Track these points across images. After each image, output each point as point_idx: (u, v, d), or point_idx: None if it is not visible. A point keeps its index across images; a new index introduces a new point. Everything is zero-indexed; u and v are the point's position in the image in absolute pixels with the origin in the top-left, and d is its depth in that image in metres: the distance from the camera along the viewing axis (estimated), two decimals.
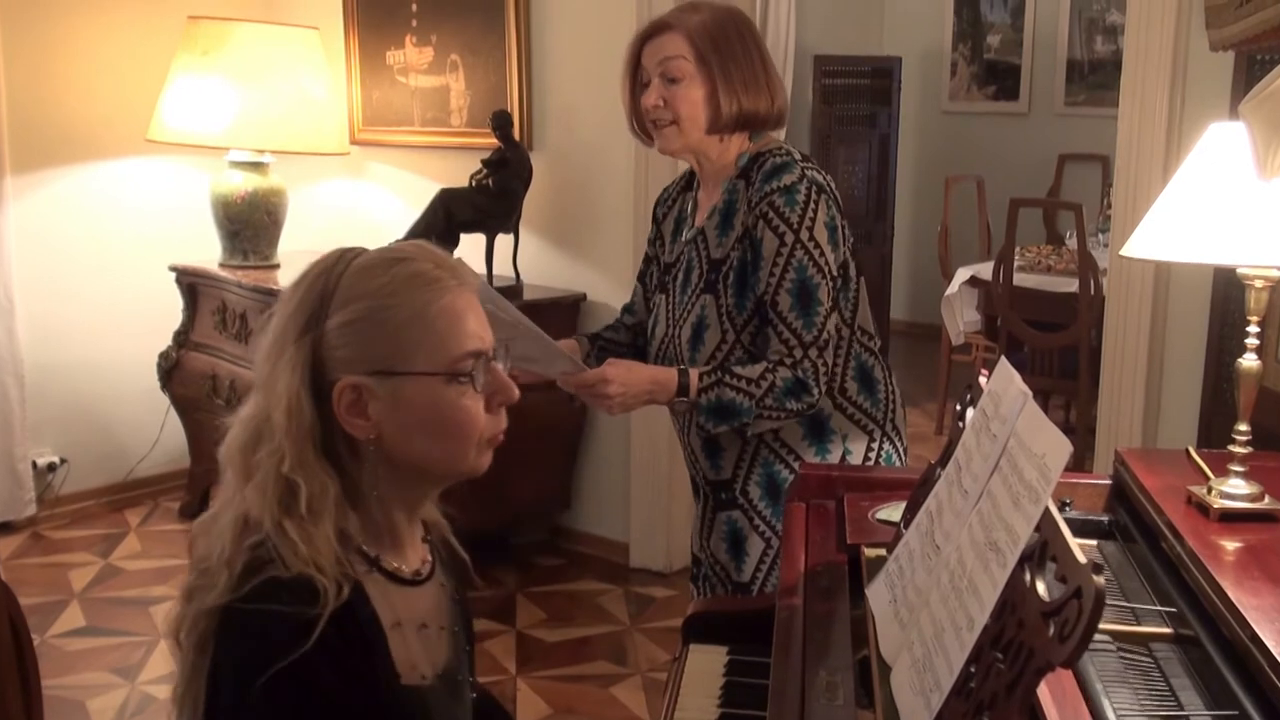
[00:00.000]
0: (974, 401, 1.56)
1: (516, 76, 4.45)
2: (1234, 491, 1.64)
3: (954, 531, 1.40)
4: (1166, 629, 1.44)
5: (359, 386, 1.42)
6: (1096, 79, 7.96)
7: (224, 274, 4.59)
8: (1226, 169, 1.73)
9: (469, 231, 4.16)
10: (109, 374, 4.96)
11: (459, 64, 4.66)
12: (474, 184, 4.23)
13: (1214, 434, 3.33)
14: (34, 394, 4.75)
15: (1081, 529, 1.72)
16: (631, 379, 2.24)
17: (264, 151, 4.66)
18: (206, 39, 4.54)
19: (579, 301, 4.32)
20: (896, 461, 2.42)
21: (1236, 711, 1.25)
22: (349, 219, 5.07)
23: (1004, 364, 1.49)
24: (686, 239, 2.42)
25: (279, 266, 4.74)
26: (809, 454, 2.35)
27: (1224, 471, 1.67)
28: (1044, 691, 1.21)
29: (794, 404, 2.24)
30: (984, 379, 1.56)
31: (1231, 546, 1.53)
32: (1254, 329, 1.73)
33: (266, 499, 1.39)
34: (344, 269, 1.46)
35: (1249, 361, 1.73)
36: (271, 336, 1.46)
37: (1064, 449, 1.22)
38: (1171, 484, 1.70)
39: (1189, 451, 1.82)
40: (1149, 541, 1.63)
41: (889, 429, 2.40)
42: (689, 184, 2.51)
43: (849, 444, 2.36)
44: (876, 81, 7.14)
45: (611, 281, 4.31)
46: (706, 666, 1.87)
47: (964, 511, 1.40)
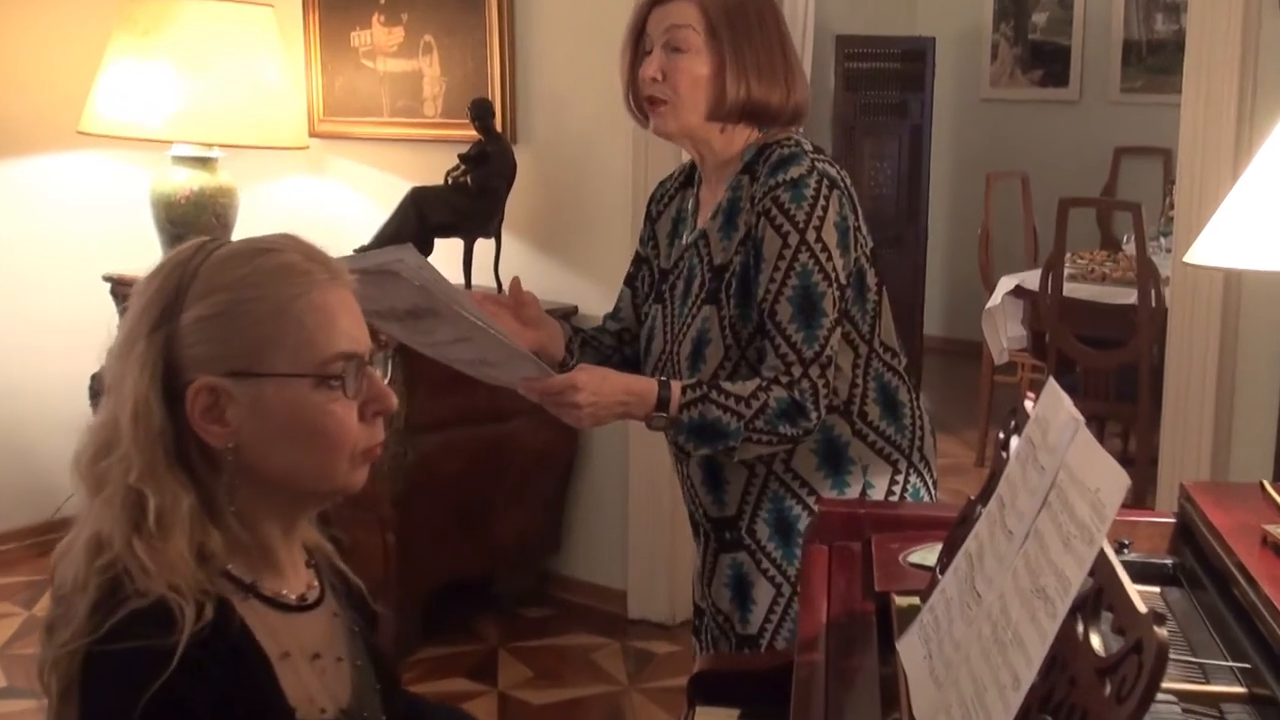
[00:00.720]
0: (1019, 429, 1.56)
1: (499, 60, 4.46)
2: None
3: (997, 577, 1.40)
4: (1239, 688, 1.44)
5: (215, 388, 1.43)
6: (1156, 62, 7.98)
7: None
8: None
9: (445, 235, 4.17)
10: (32, 398, 4.96)
11: (433, 46, 4.67)
12: (450, 182, 4.24)
13: None
14: None
15: (1142, 573, 1.72)
16: (604, 388, 2.21)
17: (211, 146, 4.66)
18: (146, 18, 4.56)
19: (570, 315, 4.33)
20: (925, 497, 2.41)
21: None
22: (307, 222, 5.07)
23: (1053, 386, 1.49)
24: (687, 243, 2.42)
25: None
26: (824, 487, 2.35)
27: None
28: None
29: (787, 428, 2.23)
30: (1030, 403, 1.56)
31: None
32: None
33: (115, 514, 1.41)
34: (203, 260, 1.48)
35: None
36: (123, 332, 1.48)
37: (1121, 483, 1.22)
38: (1244, 522, 1.70)
39: (1264, 485, 1.82)
40: (1219, 588, 1.63)
41: (916, 459, 2.40)
42: (689, 179, 2.51)
43: (870, 476, 2.36)
44: (907, 65, 7.16)
45: (606, 292, 4.29)
46: None
47: (1008, 554, 1.40)
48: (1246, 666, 1.46)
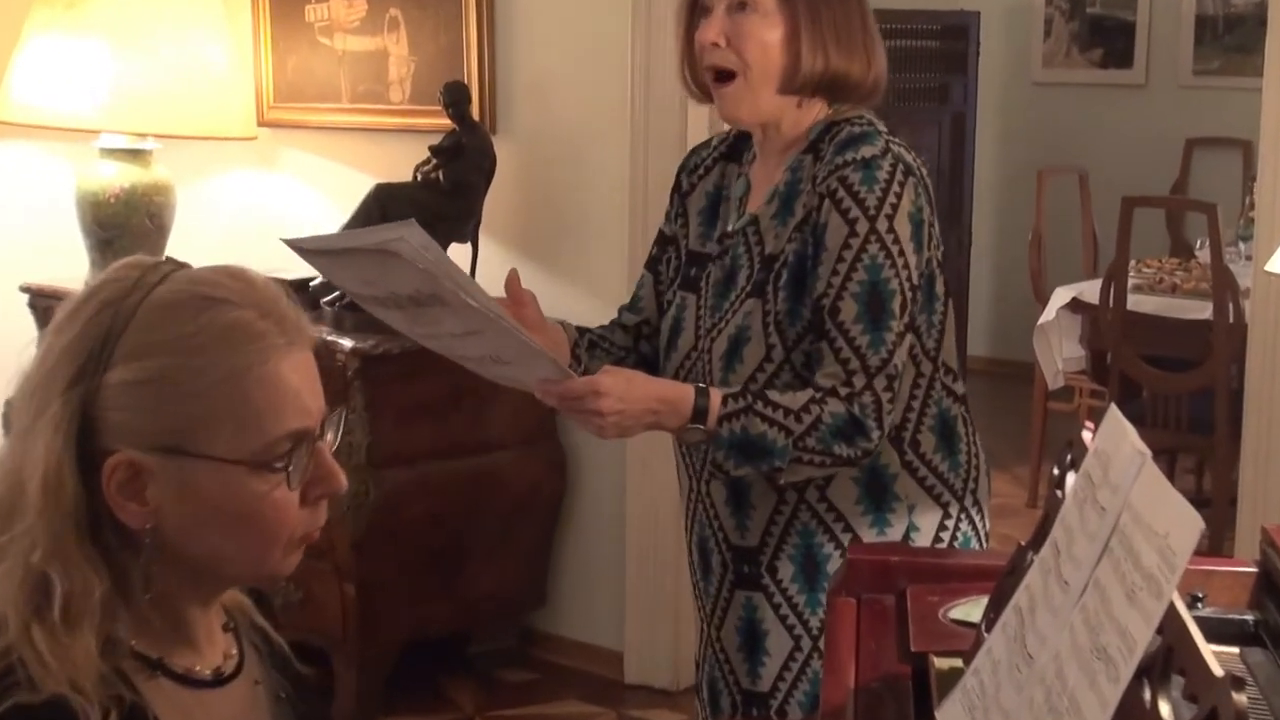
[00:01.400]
0: (1076, 464, 1.56)
1: (475, 37, 4.47)
2: None
3: (1051, 635, 1.40)
4: None
5: (135, 465, 1.41)
6: (1233, 40, 8.00)
7: None
8: None
9: None
10: None
11: (400, 21, 4.68)
12: (419, 178, 4.24)
13: None
14: None
15: (1218, 631, 1.72)
16: (632, 394, 2.19)
17: (145, 136, 4.67)
18: None
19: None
20: (975, 545, 2.41)
21: None
22: (256, 224, 5.08)
23: (1115, 414, 1.49)
24: (734, 228, 2.40)
25: None
26: (863, 525, 2.34)
27: None
28: None
29: (843, 448, 2.22)
30: (1089, 434, 1.56)
31: None
32: None
33: (13, 594, 1.38)
34: (139, 301, 1.44)
35: None
36: (37, 374, 1.45)
37: (1194, 526, 1.22)
38: None
39: None
40: None
41: (969, 503, 2.40)
42: (732, 151, 2.49)
43: (916, 517, 2.35)
44: (948, 43, 7.19)
45: (600, 305, 4.29)
46: None
47: (1064, 609, 1.40)
48: None
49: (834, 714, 1.69)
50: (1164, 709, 1.15)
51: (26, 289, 4.78)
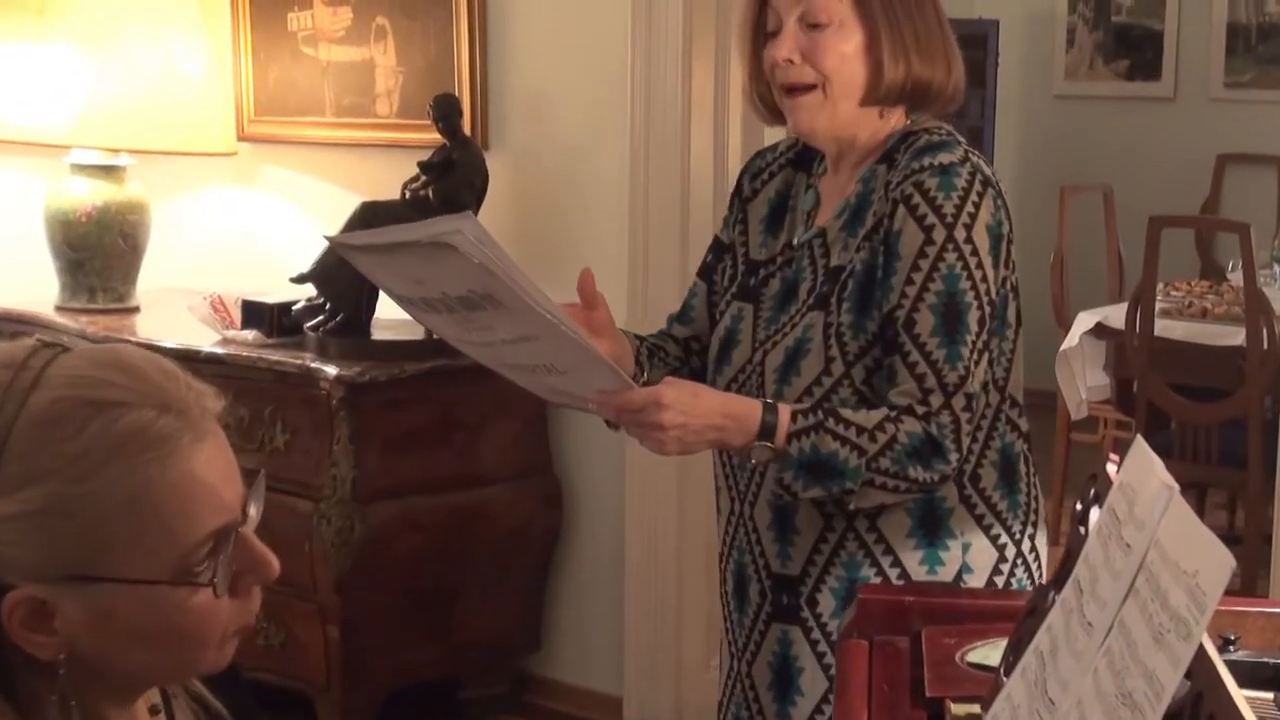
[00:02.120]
0: (1100, 499, 1.56)
1: (467, 48, 4.48)
2: None
3: (1074, 680, 1.40)
4: None
5: (39, 599, 1.33)
6: (1268, 51, 8.02)
7: (63, 320, 4.60)
8: None
9: None
10: None
11: (388, 30, 4.70)
12: (408, 195, 4.25)
13: None
14: None
15: (1251, 675, 1.72)
16: (696, 408, 2.17)
17: (119, 151, 4.68)
18: None
19: None
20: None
21: None
22: (235, 245, 5.09)
23: (1141, 446, 1.50)
24: (799, 241, 2.39)
25: (138, 310, 4.75)
26: (913, 560, 2.32)
27: None
28: None
29: (918, 470, 2.20)
30: (1114, 467, 1.57)
31: None
32: None
33: None
34: (15, 414, 1.34)
35: None
36: None
37: (1225, 565, 1.22)
38: None
39: None
40: None
41: (1026, 547, 2.39)
42: (801, 160, 2.48)
43: (970, 557, 2.34)
44: (966, 54, 7.07)
45: None
46: None
47: (1087, 652, 1.40)
48: None
49: None
50: None
51: None
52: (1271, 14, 8.00)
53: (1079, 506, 1.61)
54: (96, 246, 4.67)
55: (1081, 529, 1.57)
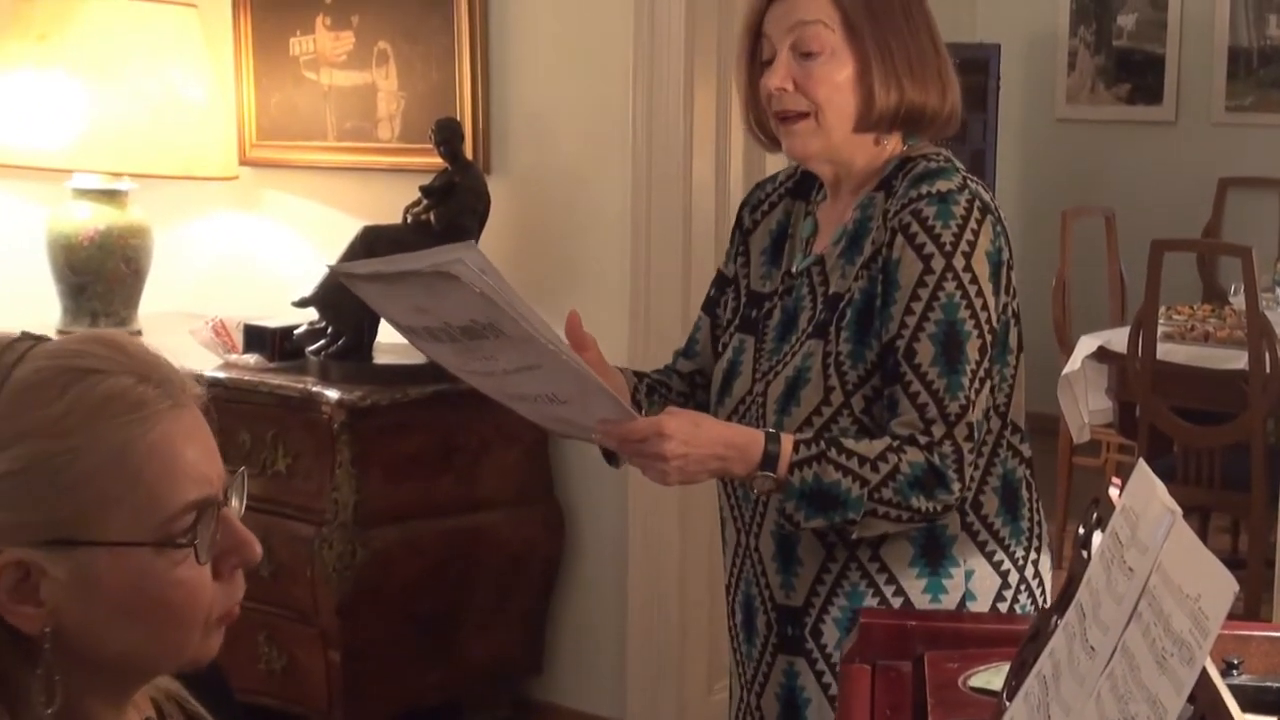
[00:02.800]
0: (1102, 523, 1.56)
1: (469, 72, 4.49)
2: None
3: (1076, 704, 1.40)
4: None
5: (25, 564, 1.34)
6: (1269, 74, 8.03)
7: None
8: None
9: None
10: None
11: (389, 55, 4.71)
12: (409, 219, 4.25)
13: None
14: None
15: (1256, 700, 1.72)
16: (698, 437, 2.18)
17: (121, 175, 4.68)
18: (44, 19, 4.59)
19: None
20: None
21: None
22: (237, 269, 5.09)
23: (1144, 470, 1.50)
24: (798, 269, 2.40)
25: (140, 334, 4.74)
26: (916, 588, 2.33)
27: None
28: None
29: (921, 501, 2.20)
30: (1116, 491, 1.56)
31: None
32: None
33: None
34: None
35: None
36: None
37: (1227, 588, 1.22)
38: None
39: None
40: None
41: (1029, 573, 2.39)
42: (799, 189, 2.50)
43: (973, 584, 2.34)
44: (967, 77, 7.11)
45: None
46: None
47: (1090, 676, 1.40)
48: None
49: None
50: None
51: None
52: (1273, 38, 8.01)
53: (1081, 530, 1.61)
54: (99, 270, 4.67)
55: (1084, 553, 1.57)
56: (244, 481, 1.48)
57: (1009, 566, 2.36)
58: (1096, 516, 1.59)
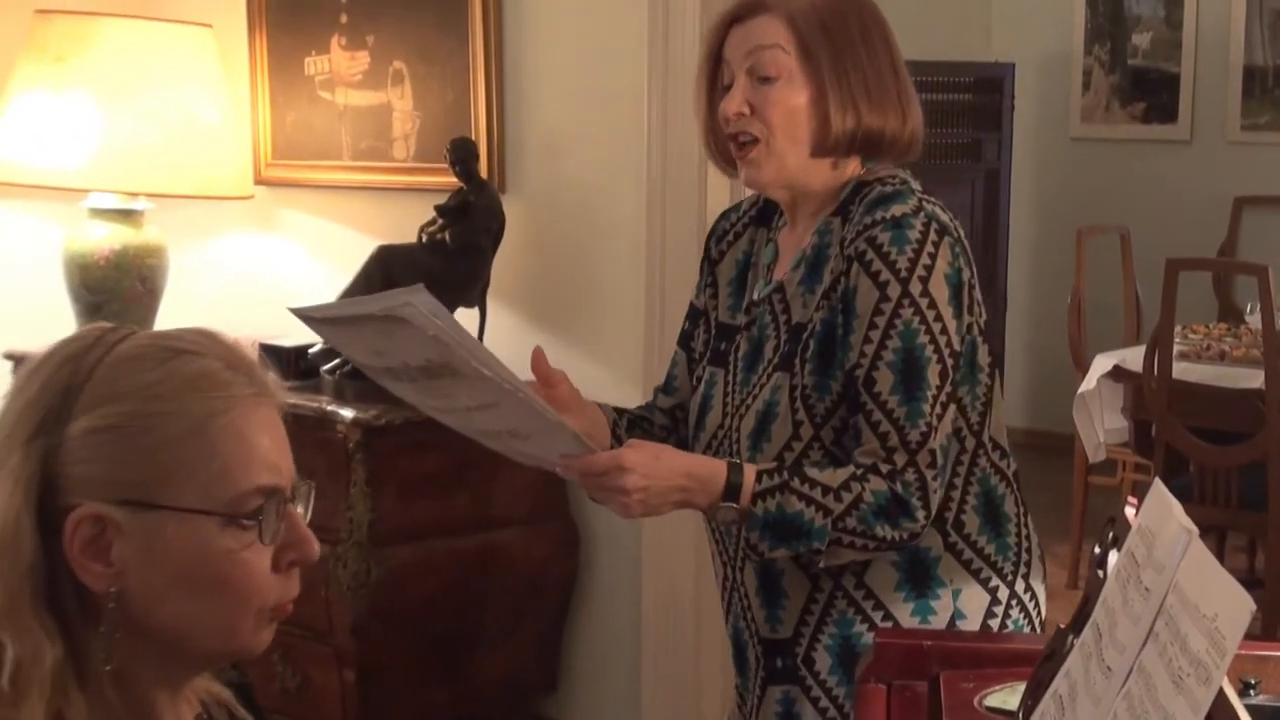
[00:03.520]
0: (1118, 542, 1.56)
1: (484, 92, 4.50)
2: None
3: None
4: None
5: (102, 518, 1.42)
6: None
7: None
8: None
9: None
10: None
11: (405, 74, 4.72)
12: (424, 239, 4.26)
13: None
14: None
15: None
16: (659, 469, 2.19)
17: (137, 195, 4.69)
18: (61, 40, 4.60)
19: None
20: (1028, 631, 2.39)
21: None
22: (253, 288, 5.10)
23: (1159, 489, 1.49)
24: (759, 297, 2.41)
25: None
26: (904, 611, 2.33)
27: None
28: None
29: (886, 529, 2.21)
30: (1132, 511, 1.56)
31: None
32: None
33: None
34: (102, 354, 1.47)
35: None
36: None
37: (1245, 608, 1.22)
38: None
39: None
40: None
41: (1020, 587, 2.38)
42: (762, 216, 2.51)
43: (961, 602, 2.34)
44: (981, 97, 7.22)
45: (615, 375, 4.31)
46: None
47: (1106, 697, 1.40)
48: None
49: None
50: None
51: (11, 356, 4.79)
52: None
53: (1097, 550, 1.60)
54: (115, 289, 4.68)
55: (1100, 572, 1.57)
56: (311, 493, 1.55)
57: (997, 583, 2.36)
58: (1112, 536, 1.59)
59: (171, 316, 4.86)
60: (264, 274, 5.12)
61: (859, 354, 2.22)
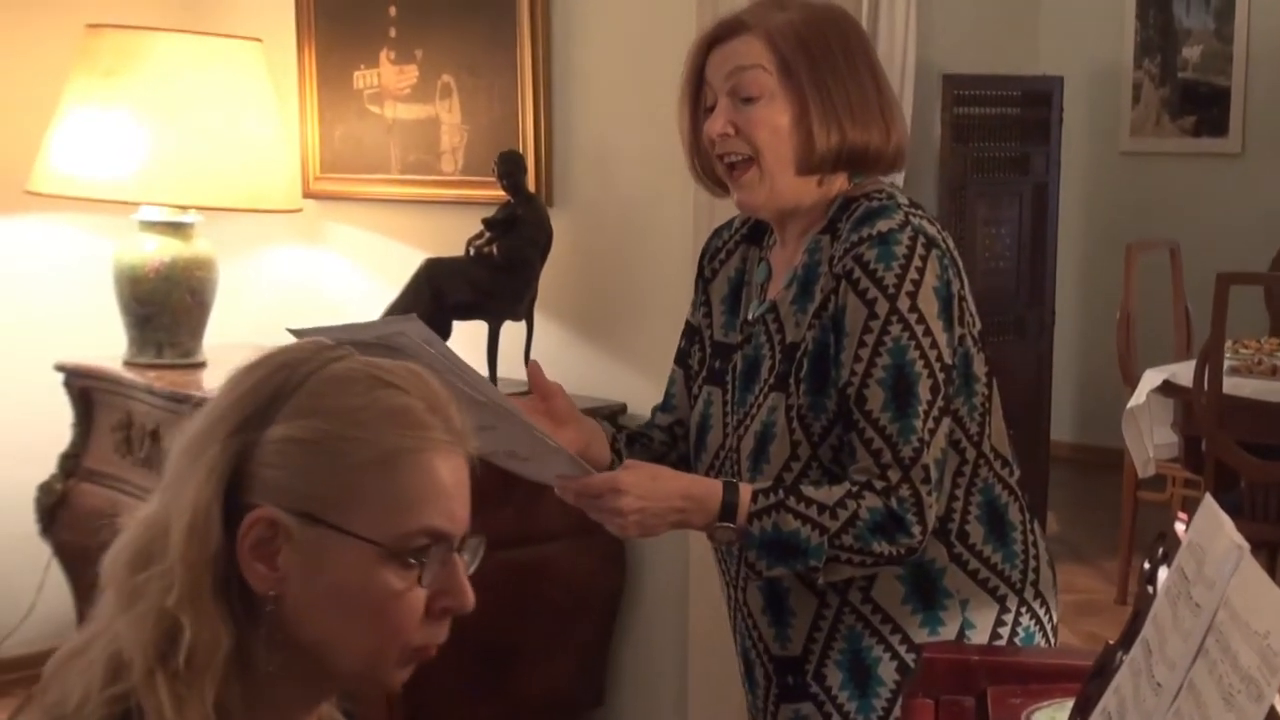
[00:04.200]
0: (1168, 558, 1.55)
1: (531, 105, 4.51)
2: None
3: None
4: None
5: (276, 523, 1.46)
6: None
7: (130, 376, 4.64)
8: None
9: (466, 317, 4.19)
10: None
11: (453, 88, 4.73)
12: (472, 252, 4.27)
13: None
14: None
15: None
16: (655, 490, 2.22)
17: (187, 208, 4.72)
18: (111, 55, 4.64)
19: (617, 414, 4.34)
20: (1040, 643, 2.39)
21: None
22: (301, 301, 5.12)
23: (1210, 505, 1.49)
24: (754, 316, 2.42)
25: (205, 366, 4.78)
26: (912, 624, 2.33)
27: None
28: None
29: (883, 545, 2.21)
30: (1182, 526, 1.55)
31: None
32: None
33: (143, 638, 1.43)
34: (315, 369, 1.52)
35: None
36: (200, 424, 1.53)
37: None
38: None
39: None
40: None
41: (1029, 595, 2.38)
42: (753, 234, 2.52)
43: (970, 613, 2.34)
44: (1029, 110, 7.19)
45: (661, 388, 4.31)
46: None
47: (1156, 713, 1.39)
48: None
49: None
50: None
51: (62, 367, 4.83)
52: None
53: (1147, 566, 1.60)
54: (164, 302, 4.71)
55: (1150, 588, 1.56)
56: (481, 547, 1.58)
57: (1005, 591, 2.36)
58: (1162, 552, 1.58)
59: (221, 328, 4.89)
60: (312, 287, 5.14)
61: (850, 372, 2.23)
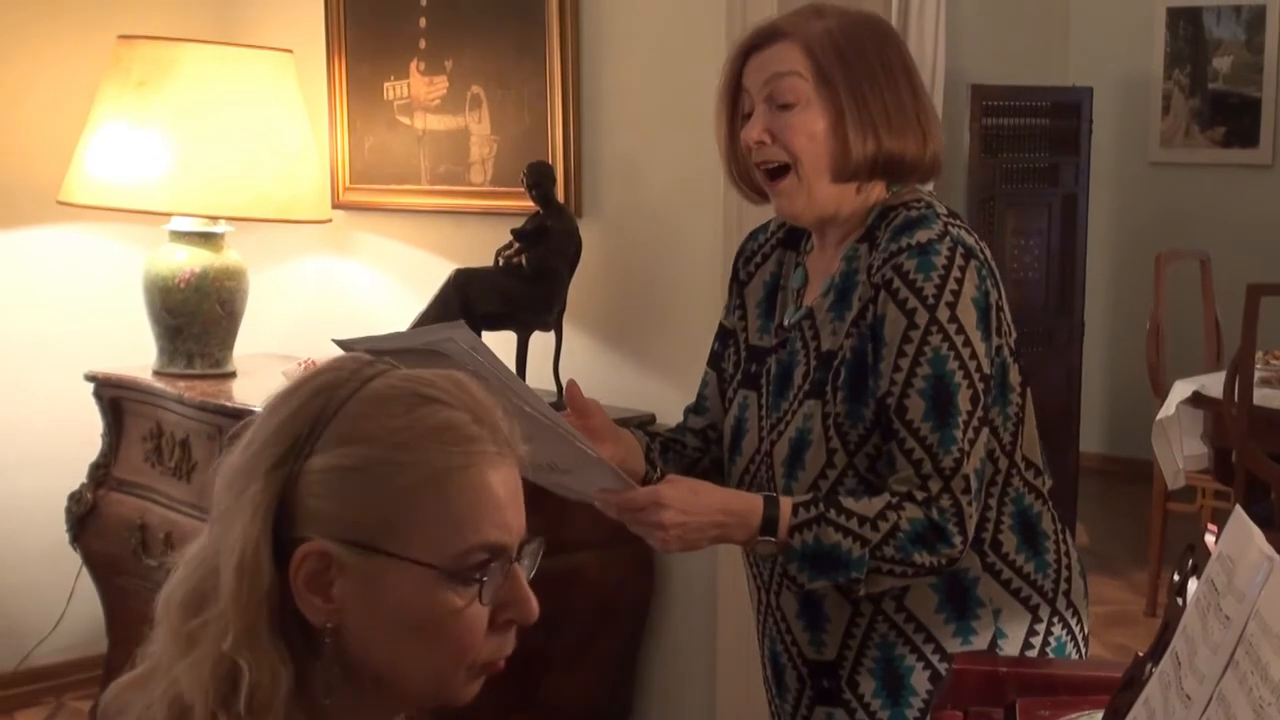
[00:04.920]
0: (1198, 570, 1.55)
1: (560, 116, 4.52)
2: None
3: None
4: None
5: (328, 555, 1.44)
6: None
7: (160, 385, 4.66)
8: None
9: (495, 327, 4.20)
10: None
11: (483, 99, 4.74)
12: (501, 262, 4.27)
13: None
14: None
15: None
16: (696, 505, 2.22)
17: (217, 219, 4.74)
18: (143, 66, 4.66)
19: (646, 424, 4.33)
20: (1071, 653, 2.39)
21: None
22: (331, 311, 5.13)
23: (1240, 516, 1.48)
24: (790, 322, 2.42)
25: (235, 376, 4.79)
26: (946, 634, 2.33)
27: None
28: None
29: (924, 556, 2.21)
30: (1212, 538, 1.55)
31: None
32: None
33: (203, 681, 1.41)
34: (354, 390, 1.49)
35: None
36: (241, 457, 1.49)
37: None
38: None
39: None
40: None
41: (1061, 605, 2.38)
42: (789, 240, 2.52)
43: (1003, 623, 2.34)
44: (1059, 121, 7.18)
45: (690, 398, 4.31)
46: None
47: None
48: None
49: None
50: None
51: (91, 377, 4.84)
52: None
53: (1176, 577, 1.59)
54: (195, 312, 4.72)
55: (1179, 600, 1.55)
56: (540, 550, 1.59)
57: (1038, 601, 2.36)
58: (1192, 563, 1.58)
59: (251, 338, 4.91)
60: (342, 297, 5.15)
61: (890, 382, 2.23)
